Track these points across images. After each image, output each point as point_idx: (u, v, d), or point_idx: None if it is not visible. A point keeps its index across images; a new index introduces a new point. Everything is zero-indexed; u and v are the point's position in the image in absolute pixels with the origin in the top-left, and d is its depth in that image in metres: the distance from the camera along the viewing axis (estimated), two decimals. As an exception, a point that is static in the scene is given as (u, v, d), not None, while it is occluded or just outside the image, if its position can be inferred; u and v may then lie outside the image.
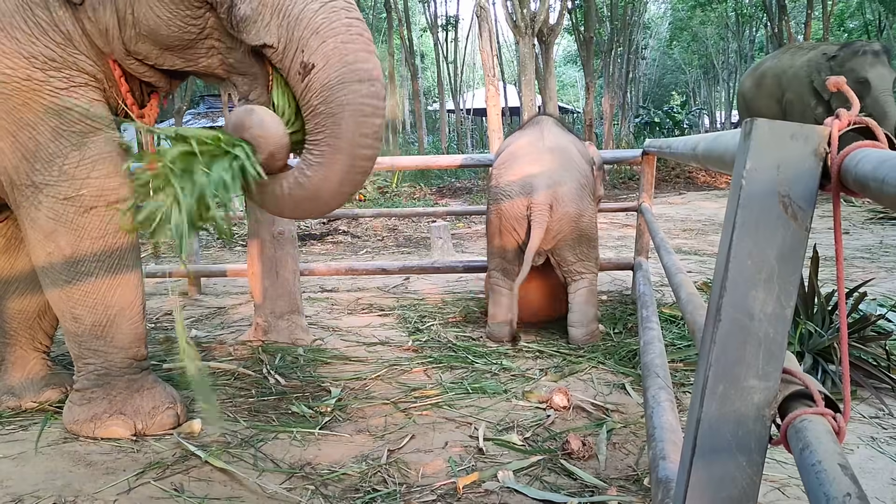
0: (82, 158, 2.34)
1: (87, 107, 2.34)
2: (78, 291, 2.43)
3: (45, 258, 2.41)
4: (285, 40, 2.17)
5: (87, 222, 2.38)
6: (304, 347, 3.63)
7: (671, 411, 1.83)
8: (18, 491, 2.12)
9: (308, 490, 2.16)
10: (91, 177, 2.35)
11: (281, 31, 2.17)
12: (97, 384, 2.54)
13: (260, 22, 2.18)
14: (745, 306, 0.89)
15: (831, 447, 0.78)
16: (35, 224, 2.38)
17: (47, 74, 2.27)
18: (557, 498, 2.07)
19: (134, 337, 2.55)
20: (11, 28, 2.21)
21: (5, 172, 2.36)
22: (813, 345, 3.00)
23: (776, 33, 17.11)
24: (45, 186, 2.33)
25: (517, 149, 3.76)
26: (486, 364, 3.31)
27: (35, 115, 2.27)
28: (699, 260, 6.13)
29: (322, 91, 2.13)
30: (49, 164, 2.31)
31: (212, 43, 2.32)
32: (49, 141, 2.30)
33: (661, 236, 3.25)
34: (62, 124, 2.30)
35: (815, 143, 0.87)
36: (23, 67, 2.23)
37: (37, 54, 2.24)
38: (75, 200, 2.35)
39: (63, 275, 2.41)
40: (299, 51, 2.15)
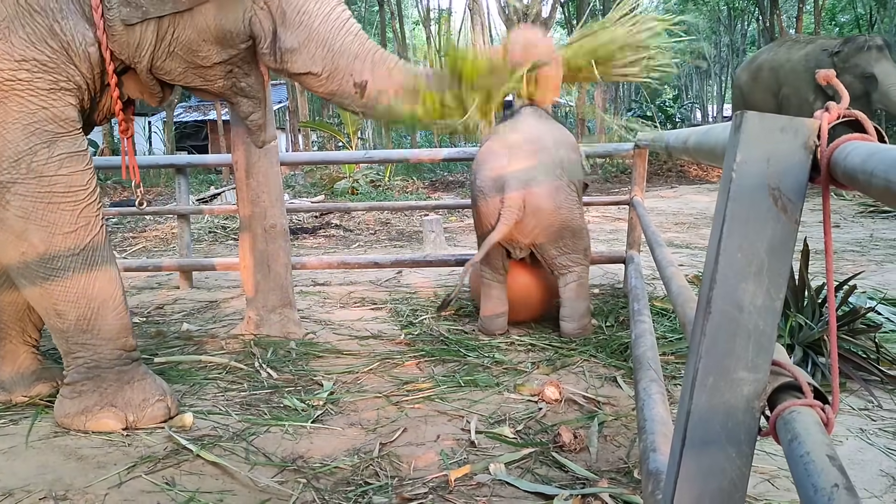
0: (51, 156, 2.38)
1: (64, 108, 2.41)
2: (58, 287, 2.44)
3: (20, 258, 2.42)
4: (330, 69, 2.57)
5: (57, 218, 2.40)
6: (296, 341, 3.63)
7: (662, 404, 1.84)
8: (9, 485, 2.12)
9: (300, 483, 2.16)
10: (59, 174, 2.39)
11: (326, 62, 2.56)
12: (87, 377, 2.54)
13: (306, 53, 2.55)
14: (735, 299, 0.89)
15: (820, 438, 0.79)
16: (4, 224, 2.39)
17: (33, 75, 2.33)
18: (549, 490, 2.08)
19: (120, 327, 2.57)
20: (8, 32, 2.27)
21: None
22: (803, 337, 3.01)
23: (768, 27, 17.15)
24: (12, 184, 2.35)
25: (492, 144, 3.69)
26: (478, 357, 3.32)
27: (8, 113, 2.31)
28: (690, 253, 6.15)
29: (377, 92, 2.59)
30: (17, 161, 2.34)
31: (232, 68, 2.63)
32: (20, 139, 2.34)
33: (653, 230, 3.26)
34: (35, 123, 2.35)
35: (804, 136, 0.87)
36: (10, 69, 2.29)
37: (28, 58, 2.31)
38: (45, 197, 2.37)
39: (40, 272, 2.42)
40: (348, 73, 2.58)
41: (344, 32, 2.59)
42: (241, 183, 3.69)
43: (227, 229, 8.28)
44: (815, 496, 0.70)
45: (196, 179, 15.55)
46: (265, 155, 3.65)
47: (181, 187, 5.32)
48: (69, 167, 2.41)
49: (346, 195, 10.95)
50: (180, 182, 5.31)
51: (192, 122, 24.08)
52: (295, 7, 2.53)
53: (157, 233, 8.48)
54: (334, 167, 12.16)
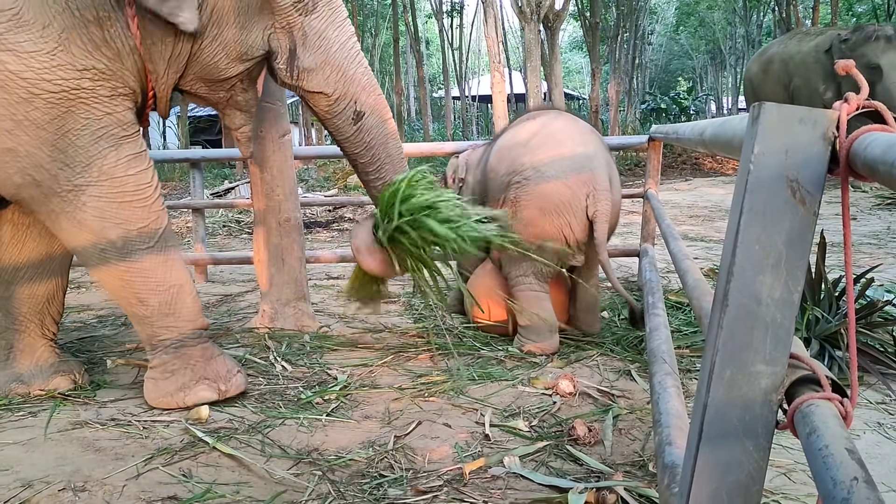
0: (119, 158, 2.51)
1: (125, 112, 2.54)
2: (138, 278, 2.60)
3: (100, 255, 2.55)
4: (340, 92, 2.80)
5: (131, 214, 2.55)
6: (310, 334, 3.64)
7: (677, 397, 1.83)
8: (28, 476, 2.14)
9: (315, 476, 2.17)
10: (128, 174, 2.53)
11: (338, 85, 2.79)
12: (175, 356, 2.70)
13: (321, 74, 2.76)
14: (753, 291, 0.89)
15: (838, 431, 0.78)
16: (83, 225, 2.51)
17: (95, 84, 2.43)
18: (563, 483, 2.08)
19: (197, 308, 2.77)
20: (68, 43, 2.36)
21: (42, 184, 2.44)
22: (820, 331, 2.99)
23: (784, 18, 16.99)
24: (87, 187, 2.47)
25: (549, 129, 3.28)
26: (492, 350, 3.32)
27: (77, 121, 2.42)
28: (706, 246, 6.12)
29: (372, 129, 2.89)
30: (89, 166, 2.46)
31: (236, 82, 2.77)
32: (89, 144, 2.45)
33: (668, 223, 3.24)
34: (102, 128, 2.47)
35: (823, 128, 0.86)
36: (74, 79, 2.38)
37: (89, 67, 2.41)
38: (117, 196, 2.50)
39: (121, 266, 2.56)
40: (353, 102, 2.83)
41: (356, 63, 2.82)
42: (255, 177, 3.70)
43: (242, 223, 8.32)
44: (834, 489, 0.70)
45: (210, 174, 15.63)
46: (279, 149, 3.66)
47: (196, 181, 5.34)
48: (136, 167, 2.55)
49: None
50: (195, 176, 5.34)
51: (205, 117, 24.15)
52: (316, 31, 2.72)
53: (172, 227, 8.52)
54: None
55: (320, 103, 2.83)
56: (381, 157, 2.94)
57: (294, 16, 2.67)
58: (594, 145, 3.24)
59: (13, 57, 2.29)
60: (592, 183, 3.13)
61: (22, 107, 2.33)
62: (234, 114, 2.90)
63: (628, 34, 22.74)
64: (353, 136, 2.88)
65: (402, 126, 20.25)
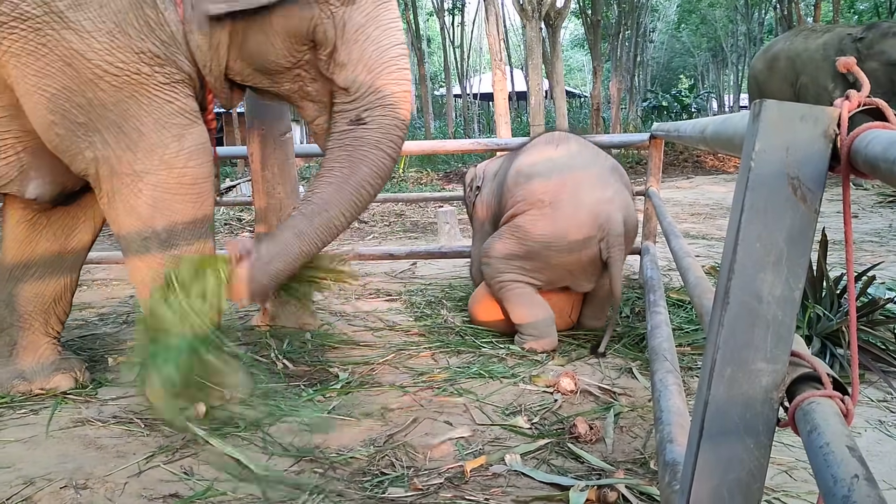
0: (181, 149, 2.48)
1: (186, 100, 2.50)
2: None
3: (141, 243, 2.53)
4: (358, 94, 2.55)
5: (182, 208, 2.52)
6: (311, 332, 3.64)
7: (678, 395, 1.83)
8: (30, 474, 2.14)
9: (317, 473, 2.17)
10: (188, 166, 2.50)
11: (361, 87, 2.55)
12: None
13: (352, 72, 2.54)
14: (754, 289, 0.88)
15: (839, 429, 0.78)
16: (134, 211, 2.49)
17: (153, 69, 2.40)
18: (564, 481, 2.08)
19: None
20: (125, 24, 2.33)
21: (107, 162, 2.45)
22: (821, 328, 2.99)
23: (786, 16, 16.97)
24: (146, 174, 2.45)
25: (571, 164, 3.30)
26: (493, 348, 3.32)
27: (140, 107, 2.41)
28: (707, 244, 6.11)
29: (357, 142, 2.55)
30: (150, 153, 2.44)
31: (300, 72, 2.63)
32: (152, 132, 2.43)
33: (669, 220, 3.24)
34: (164, 116, 2.44)
35: (824, 125, 0.86)
36: (133, 62, 2.36)
37: (145, 50, 2.37)
38: (174, 188, 2.48)
39: (157, 257, 2.54)
40: (362, 107, 2.55)
41: (392, 74, 2.55)
42: (256, 175, 3.70)
43: (243, 221, 8.32)
44: (835, 487, 0.70)
45: (211, 172, 15.61)
46: (280, 147, 3.66)
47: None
48: (196, 159, 2.52)
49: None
50: (196, 174, 5.33)
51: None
52: (355, 24, 2.53)
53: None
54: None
55: (341, 97, 2.60)
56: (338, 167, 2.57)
57: (335, 5, 2.50)
58: (614, 188, 3.27)
59: (76, 36, 2.30)
60: (608, 228, 3.16)
61: (90, 87, 2.35)
62: (306, 105, 2.74)
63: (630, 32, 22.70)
64: (338, 133, 2.59)
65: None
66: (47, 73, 2.32)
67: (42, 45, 2.30)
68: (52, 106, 2.36)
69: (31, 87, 2.35)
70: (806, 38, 9.97)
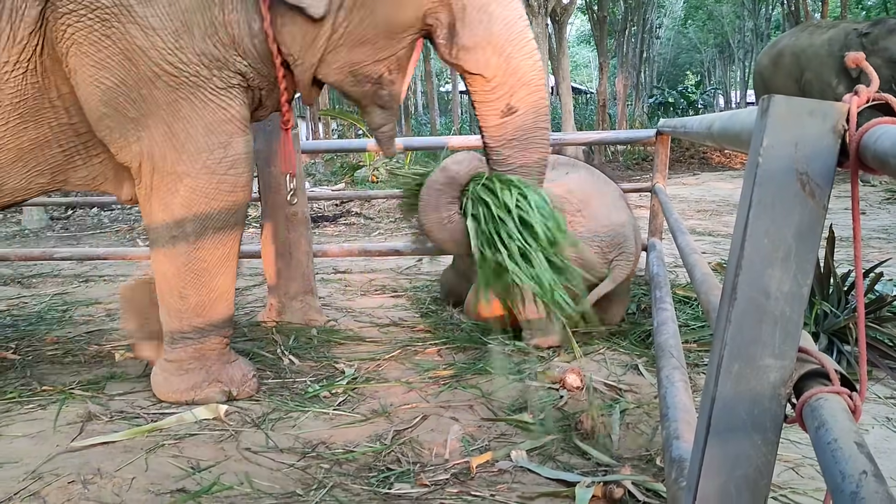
0: (225, 156, 2.50)
1: (240, 108, 2.51)
2: (191, 274, 2.59)
3: (170, 241, 2.56)
4: (499, 80, 2.50)
5: (216, 214, 2.55)
6: (317, 328, 3.65)
7: (685, 391, 1.83)
8: (38, 468, 2.15)
9: (322, 469, 2.18)
10: (229, 173, 2.52)
11: (498, 71, 2.48)
12: (194, 357, 2.68)
13: (481, 55, 2.47)
14: (762, 285, 0.88)
15: (847, 425, 0.78)
16: (167, 209, 2.52)
17: (212, 73, 2.41)
18: (570, 477, 2.08)
19: (227, 318, 2.75)
20: (191, 24, 2.35)
21: (150, 159, 2.47)
22: (828, 325, 2.98)
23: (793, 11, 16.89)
24: (186, 176, 2.48)
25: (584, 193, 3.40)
26: (499, 344, 3.32)
27: (193, 109, 2.42)
28: (713, 241, 6.10)
29: (518, 131, 2.55)
30: (195, 157, 2.46)
31: (384, 72, 2.56)
32: (200, 136, 2.45)
33: (675, 217, 3.23)
34: (215, 122, 2.46)
35: (833, 120, 0.86)
36: (194, 63, 2.37)
37: (207, 52, 2.38)
38: (211, 194, 2.51)
39: (182, 257, 2.57)
40: (507, 94, 2.51)
41: (522, 50, 2.50)
42: (261, 171, 3.70)
43: (249, 217, 8.33)
44: (843, 483, 0.70)
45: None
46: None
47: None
48: (238, 168, 2.54)
49: (366, 183, 10.97)
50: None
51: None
52: (477, 5, 2.43)
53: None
54: (354, 155, 12.17)
55: (478, 88, 2.55)
56: (516, 164, 2.59)
57: None
58: (626, 213, 3.41)
59: (141, 32, 2.31)
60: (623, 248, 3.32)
61: (146, 84, 2.37)
62: (374, 111, 2.68)
63: (636, 28, 22.64)
64: (495, 129, 2.57)
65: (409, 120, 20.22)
66: (106, 65, 2.34)
67: (105, 36, 2.31)
68: (105, 98, 2.38)
69: (87, 78, 2.36)
70: (811, 34, 9.94)
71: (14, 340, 3.54)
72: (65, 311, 4.19)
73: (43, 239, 7.71)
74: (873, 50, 8.62)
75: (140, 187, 2.56)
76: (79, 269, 5.67)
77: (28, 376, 2.99)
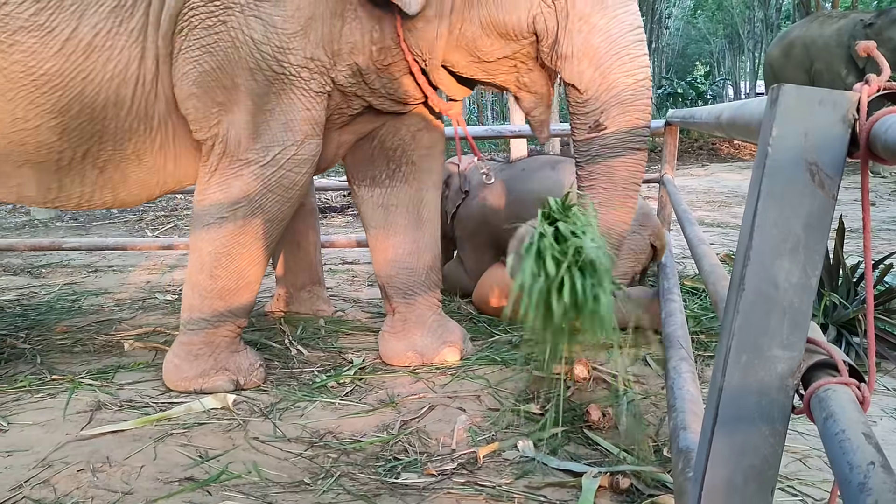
0: (296, 154, 2.58)
1: (321, 112, 2.59)
2: (228, 257, 2.64)
3: (217, 221, 2.61)
4: (593, 94, 2.42)
5: (270, 207, 2.62)
6: (325, 318, 3.66)
7: (692, 382, 1.83)
8: (48, 456, 2.17)
9: (330, 458, 2.19)
10: (294, 171, 2.60)
11: (593, 85, 2.41)
12: (203, 340, 2.70)
13: (577, 66, 2.41)
14: (770, 275, 0.88)
15: (855, 416, 0.78)
16: (226, 190, 2.58)
17: (312, 76, 2.51)
18: (577, 468, 2.09)
19: (247, 309, 2.79)
20: (310, 30, 2.44)
21: (223, 140, 2.54)
22: (837, 317, 2.97)
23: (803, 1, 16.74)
24: (253, 164, 2.55)
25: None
26: (507, 335, 3.32)
27: (280, 105, 2.52)
28: (722, 232, 6.08)
29: (602, 149, 2.45)
30: (268, 149, 2.54)
31: (515, 63, 2.57)
32: (279, 130, 2.53)
33: (684, 208, 3.23)
34: (295, 120, 2.54)
35: (843, 110, 0.85)
36: (299, 65, 2.47)
37: (315, 57, 2.49)
38: (272, 186, 2.58)
39: (224, 238, 2.61)
40: (598, 111, 2.43)
41: (623, 67, 2.38)
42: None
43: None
44: (851, 474, 0.70)
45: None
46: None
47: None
48: (302, 168, 2.61)
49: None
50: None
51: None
52: (579, 13, 2.37)
53: (189, 212, 8.56)
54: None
55: (571, 96, 2.49)
56: (599, 182, 2.48)
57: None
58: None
59: (261, 26, 2.40)
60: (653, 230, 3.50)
61: (244, 74, 2.45)
62: (523, 96, 2.67)
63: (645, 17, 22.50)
64: (581, 144, 2.51)
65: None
66: (210, 49, 2.43)
67: (221, 22, 2.40)
68: (199, 80, 2.47)
69: (187, 57, 2.45)
70: (822, 24, 9.88)
71: (24, 330, 3.56)
72: (74, 300, 4.21)
73: (52, 229, 7.74)
74: (879, 40, 8.55)
75: (204, 165, 2.62)
76: (88, 259, 5.70)
77: (38, 365, 3.01)
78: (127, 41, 2.45)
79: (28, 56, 2.39)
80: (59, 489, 1.99)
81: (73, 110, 2.49)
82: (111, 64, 2.46)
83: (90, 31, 2.41)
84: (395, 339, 3.02)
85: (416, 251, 3.03)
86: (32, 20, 2.36)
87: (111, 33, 2.43)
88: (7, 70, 2.40)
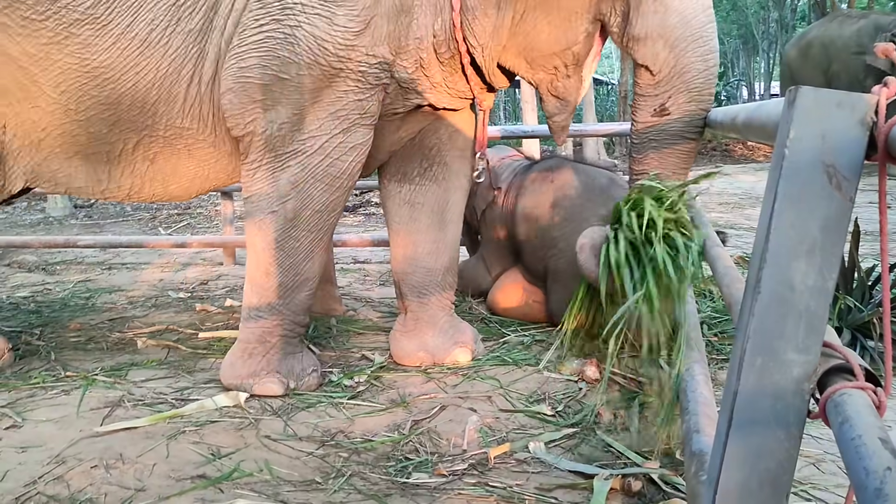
0: (343, 141, 2.54)
1: (374, 103, 2.56)
2: (282, 252, 2.61)
3: (269, 216, 2.59)
4: (664, 77, 2.43)
5: (319, 196, 2.58)
6: (336, 317, 3.66)
7: (705, 384, 1.82)
8: (62, 453, 2.18)
9: (341, 457, 2.19)
10: (341, 159, 2.56)
11: (665, 67, 2.42)
12: (260, 340, 2.67)
13: (651, 47, 2.41)
14: (787, 278, 0.87)
15: (871, 421, 0.77)
16: (275, 182, 2.55)
17: (370, 69, 2.48)
18: (588, 469, 2.08)
19: (305, 307, 2.74)
20: (374, 27, 2.42)
21: (264, 133, 2.51)
22: (852, 320, 2.95)
23: (819, 1, 16.64)
24: (300, 154, 2.52)
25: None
26: (518, 336, 3.31)
27: (332, 96, 2.48)
28: (735, 234, 6.04)
29: (663, 133, 2.49)
30: (315, 138, 2.52)
31: (558, 65, 2.58)
32: (326, 119, 2.50)
33: (697, 209, 3.20)
34: (343, 110, 2.50)
35: (861, 112, 0.85)
36: (359, 61, 2.45)
37: (377, 54, 2.47)
38: (320, 175, 2.55)
39: (277, 233, 2.59)
40: (666, 94, 2.45)
41: (697, 50, 2.40)
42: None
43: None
44: (867, 479, 0.69)
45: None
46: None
47: (225, 165, 5.37)
48: (351, 155, 2.58)
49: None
50: (224, 160, 5.36)
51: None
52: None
53: (202, 210, 8.61)
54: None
55: (642, 78, 2.50)
56: (653, 166, 2.53)
57: None
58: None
59: (324, 23, 2.38)
60: None
61: (296, 69, 2.42)
62: (550, 100, 2.70)
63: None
64: (641, 125, 2.54)
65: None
66: (259, 44, 2.42)
67: (276, 20, 2.39)
68: (238, 75, 2.46)
69: (232, 54, 2.46)
70: (840, 25, 9.80)
71: (38, 326, 3.58)
72: (88, 298, 4.24)
73: (66, 226, 7.80)
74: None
75: (246, 160, 2.59)
76: (101, 256, 5.73)
77: (52, 362, 3.03)
78: (184, 41, 2.46)
79: (83, 48, 2.41)
80: (73, 485, 2.00)
81: (124, 103, 2.51)
82: (165, 61, 2.47)
83: (145, 27, 2.42)
84: (406, 338, 3.02)
85: (436, 251, 3.02)
86: (89, 13, 2.39)
87: (167, 31, 2.44)
88: (61, 62, 2.43)
